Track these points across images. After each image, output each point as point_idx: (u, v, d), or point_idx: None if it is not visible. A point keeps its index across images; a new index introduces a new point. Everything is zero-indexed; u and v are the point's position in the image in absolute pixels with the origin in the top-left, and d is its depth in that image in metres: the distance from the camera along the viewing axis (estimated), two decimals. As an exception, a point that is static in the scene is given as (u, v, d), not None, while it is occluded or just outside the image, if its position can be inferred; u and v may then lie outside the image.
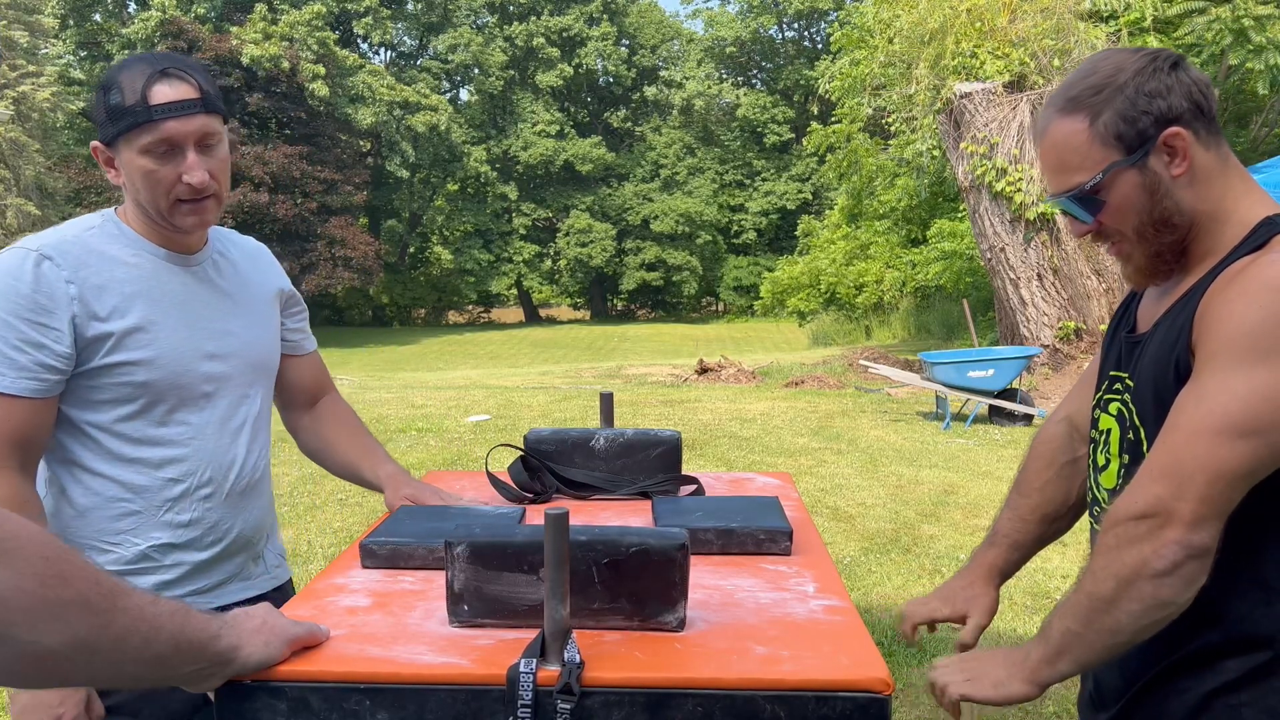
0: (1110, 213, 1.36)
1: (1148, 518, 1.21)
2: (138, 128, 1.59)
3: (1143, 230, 1.36)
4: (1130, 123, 1.31)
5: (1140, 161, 1.32)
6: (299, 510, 6.37)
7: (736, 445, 8.41)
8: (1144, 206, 1.34)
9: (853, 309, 23.02)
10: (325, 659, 1.17)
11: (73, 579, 0.94)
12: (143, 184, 1.63)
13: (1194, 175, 1.33)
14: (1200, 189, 1.34)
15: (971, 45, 12.03)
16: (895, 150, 17.20)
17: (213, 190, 1.66)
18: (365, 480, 1.95)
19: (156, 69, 1.60)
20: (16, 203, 27.94)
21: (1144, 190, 1.33)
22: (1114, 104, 1.32)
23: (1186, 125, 1.31)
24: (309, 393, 2.02)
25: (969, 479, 7.05)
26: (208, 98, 1.64)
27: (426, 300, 44.73)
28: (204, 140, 1.64)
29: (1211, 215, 1.35)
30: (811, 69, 37.23)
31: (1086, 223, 1.39)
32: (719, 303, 48.43)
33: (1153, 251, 1.37)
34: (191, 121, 1.61)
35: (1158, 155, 1.32)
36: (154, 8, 33.29)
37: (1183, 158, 1.32)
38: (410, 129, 38.50)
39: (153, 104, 1.58)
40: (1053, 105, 1.38)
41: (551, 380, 15.42)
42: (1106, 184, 1.34)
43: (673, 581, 1.23)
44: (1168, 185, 1.33)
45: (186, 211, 1.65)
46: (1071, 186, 1.36)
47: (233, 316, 1.78)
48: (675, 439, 1.97)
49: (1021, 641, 4.13)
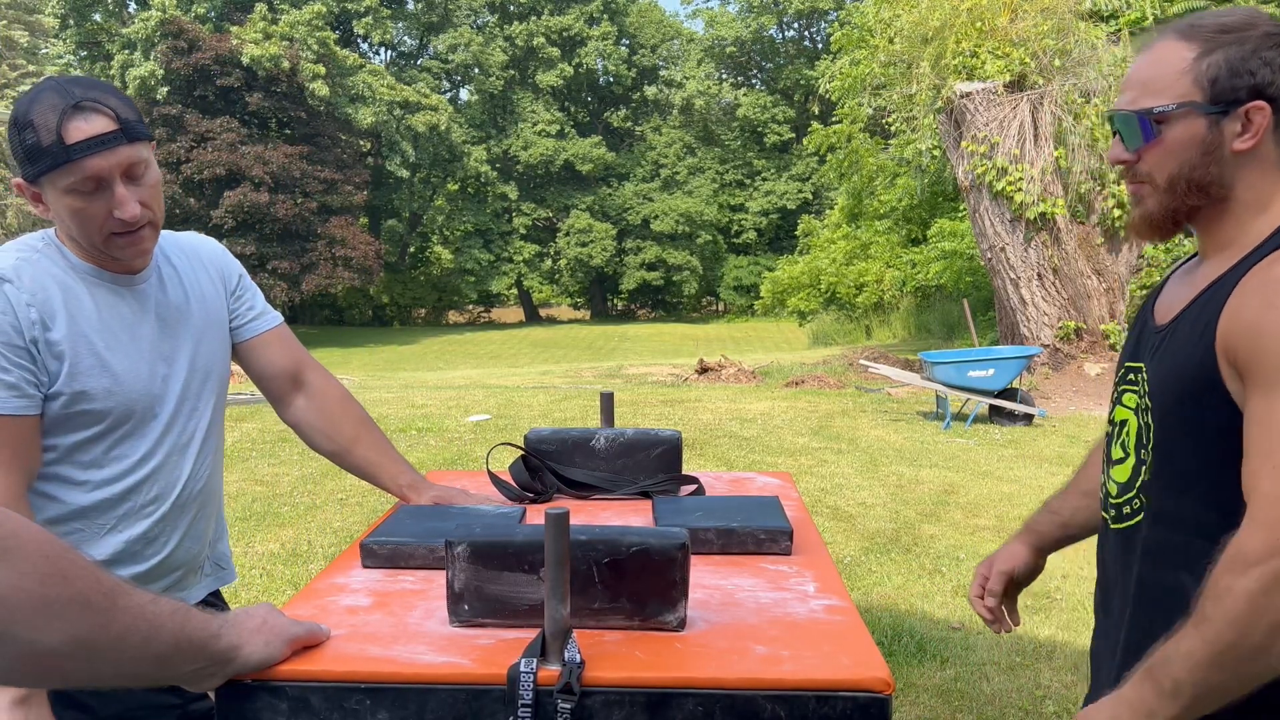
0: (1157, 149, 1.33)
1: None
2: (58, 169, 1.51)
3: (1175, 183, 1.33)
4: (1232, 74, 1.28)
5: (1216, 115, 1.29)
6: (299, 510, 6.37)
7: (737, 445, 8.41)
8: (1191, 160, 1.31)
9: (853, 309, 23.02)
10: (326, 658, 1.17)
11: (73, 578, 0.94)
12: (72, 221, 1.57)
13: (1253, 157, 1.30)
14: (1252, 173, 1.31)
15: (972, 45, 12.04)
16: (895, 150, 17.22)
17: (148, 219, 1.60)
18: (384, 487, 1.90)
19: (69, 103, 1.50)
20: (16, 203, 27.96)
21: (1201, 145, 1.30)
22: (1228, 50, 1.28)
23: (1275, 108, 1.28)
24: (289, 374, 1.92)
25: (969, 479, 7.05)
26: (127, 126, 1.54)
27: (426, 300, 44.73)
28: (130, 171, 1.56)
29: (1251, 205, 1.31)
30: (811, 69, 37.23)
31: (1130, 149, 1.36)
32: (719, 303, 48.43)
33: (1171, 207, 1.34)
34: (114, 155, 1.52)
35: (1233, 121, 1.29)
36: (154, 7, 33.25)
37: (1254, 134, 1.28)
38: (410, 129, 38.50)
39: (69, 143, 1.49)
40: (1172, 27, 1.34)
41: (551, 380, 15.43)
42: (1174, 118, 1.31)
43: (673, 581, 1.23)
44: (1225, 154, 1.30)
45: (123, 245, 1.60)
46: (1142, 106, 1.33)
47: (181, 334, 1.74)
48: (675, 439, 1.97)
49: (1023, 643, 4.08)
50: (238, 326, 1.88)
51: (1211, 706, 1.19)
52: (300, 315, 39.14)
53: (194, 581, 1.83)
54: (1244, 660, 1.14)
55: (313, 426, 1.93)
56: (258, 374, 1.91)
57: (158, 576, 1.73)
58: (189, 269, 1.81)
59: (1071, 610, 4.31)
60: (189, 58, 32.12)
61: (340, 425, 1.92)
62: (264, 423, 9.31)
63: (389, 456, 1.91)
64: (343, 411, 1.94)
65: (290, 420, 1.95)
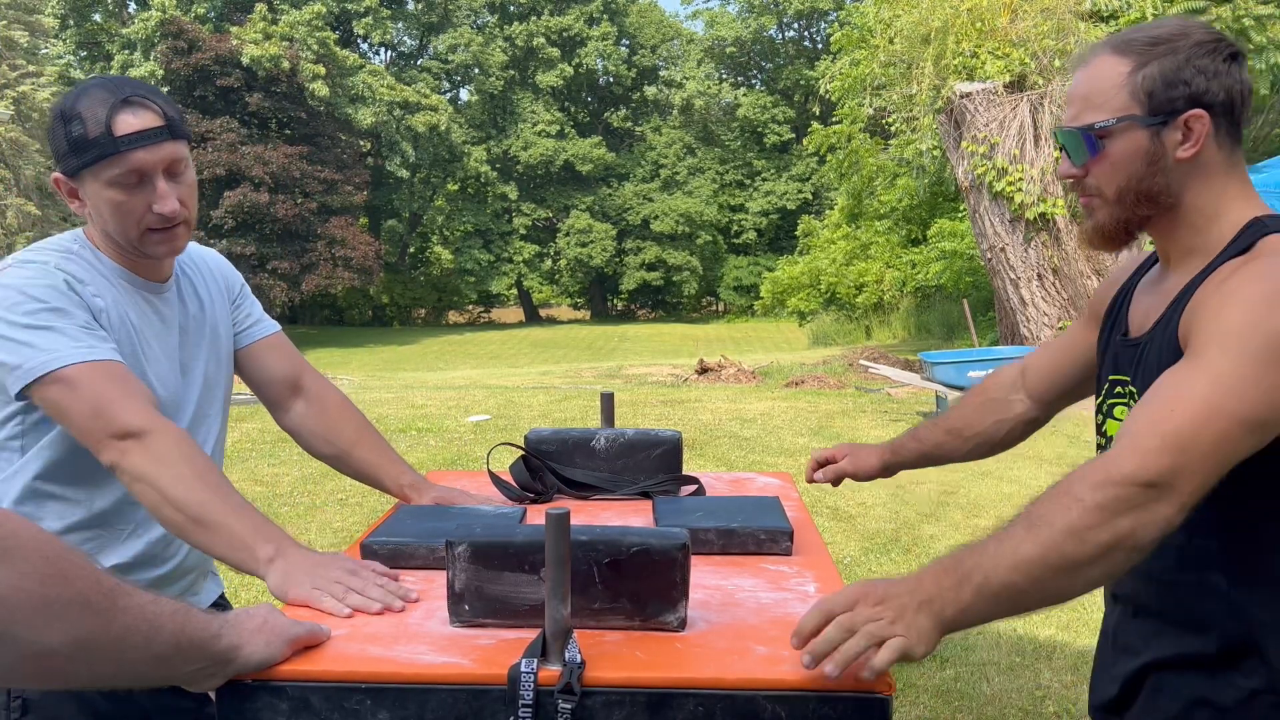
0: (1103, 163, 1.36)
1: (1152, 487, 1.13)
2: (104, 160, 1.54)
3: (1124, 195, 1.36)
4: (1167, 86, 1.30)
5: (1155, 126, 1.32)
6: (299, 510, 6.37)
7: (737, 445, 8.41)
8: (1137, 172, 1.34)
9: (853, 309, 23.02)
10: (326, 658, 1.17)
11: (73, 578, 0.94)
12: (111, 215, 1.59)
13: (1198, 165, 1.33)
14: (1198, 181, 1.33)
15: (972, 45, 12.03)
16: (895, 150, 17.20)
17: (183, 217, 1.63)
18: (386, 489, 1.90)
19: (118, 97, 1.55)
20: (16, 203, 27.97)
21: (1144, 156, 1.33)
22: (1162, 62, 1.31)
23: (1213, 115, 1.31)
24: (288, 379, 1.92)
25: (969, 479, 7.05)
26: (172, 124, 1.59)
27: (426, 300, 44.73)
28: (172, 168, 1.60)
29: (1203, 211, 1.34)
30: (811, 69, 37.26)
31: (1077, 164, 1.39)
32: (719, 303, 48.43)
33: (1122, 218, 1.37)
34: (159, 150, 1.57)
35: (1174, 130, 1.31)
36: (154, 8, 33.26)
37: (1195, 143, 1.31)
38: (410, 129, 38.50)
39: (118, 135, 1.53)
40: (1106, 42, 1.38)
41: (551, 380, 15.43)
42: (1115, 133, 1.34)
43: (674, 581, 1.23)
44: (1169, 163, 1.33)
45: (158, 240, 1.62)
46: (1085, 122, 1.36)
47: (197, 345, 1.77)
48: (676, 439, 1.97)
49: (1023, 643, 4.07)
50: (238, 333, 1.90)
51: (994, 615, 1.16)
52: (300, 315, 39.15)
53: (204, 585, 1.86)
54: (1061, 573, 1.13)
55: (312, 431, 1.93)
56: (257, 379, 1.92)
57: (175, 579, 1.76)
58: (200, 280, 1.84)
59: (1071, 610, 4.31)
60: (189, 58, 32.10)
61: (340, 429, 1.92)
62: (264, 423, 9.31)
63: (389, 458, 1.91)
64: (342, 416, 1.94)
65: (289, 425, 1.94)
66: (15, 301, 1.53)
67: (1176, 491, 1.14)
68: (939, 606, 1.12)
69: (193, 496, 1.44)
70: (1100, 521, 1.12)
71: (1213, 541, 1.31)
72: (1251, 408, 1.16)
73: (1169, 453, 1.14)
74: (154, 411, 1.52)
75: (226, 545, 1.43)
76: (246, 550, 1.41)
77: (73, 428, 1.51)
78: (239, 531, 1.42)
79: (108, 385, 1.50)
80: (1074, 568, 1.13)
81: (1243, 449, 1.18)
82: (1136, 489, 1.13)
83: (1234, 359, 1.18)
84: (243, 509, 1.46)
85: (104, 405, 1.48)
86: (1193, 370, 1.20)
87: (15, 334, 1.51)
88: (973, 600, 1.13)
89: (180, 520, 1.44)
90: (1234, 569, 1.30)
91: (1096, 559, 1.13)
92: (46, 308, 1.53)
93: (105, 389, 1.50)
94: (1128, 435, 1.19)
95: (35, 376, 1.49)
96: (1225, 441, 1.16)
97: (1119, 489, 1.13)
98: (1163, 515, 1.14)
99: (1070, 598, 1.16)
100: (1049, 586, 1.14)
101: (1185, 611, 1.34)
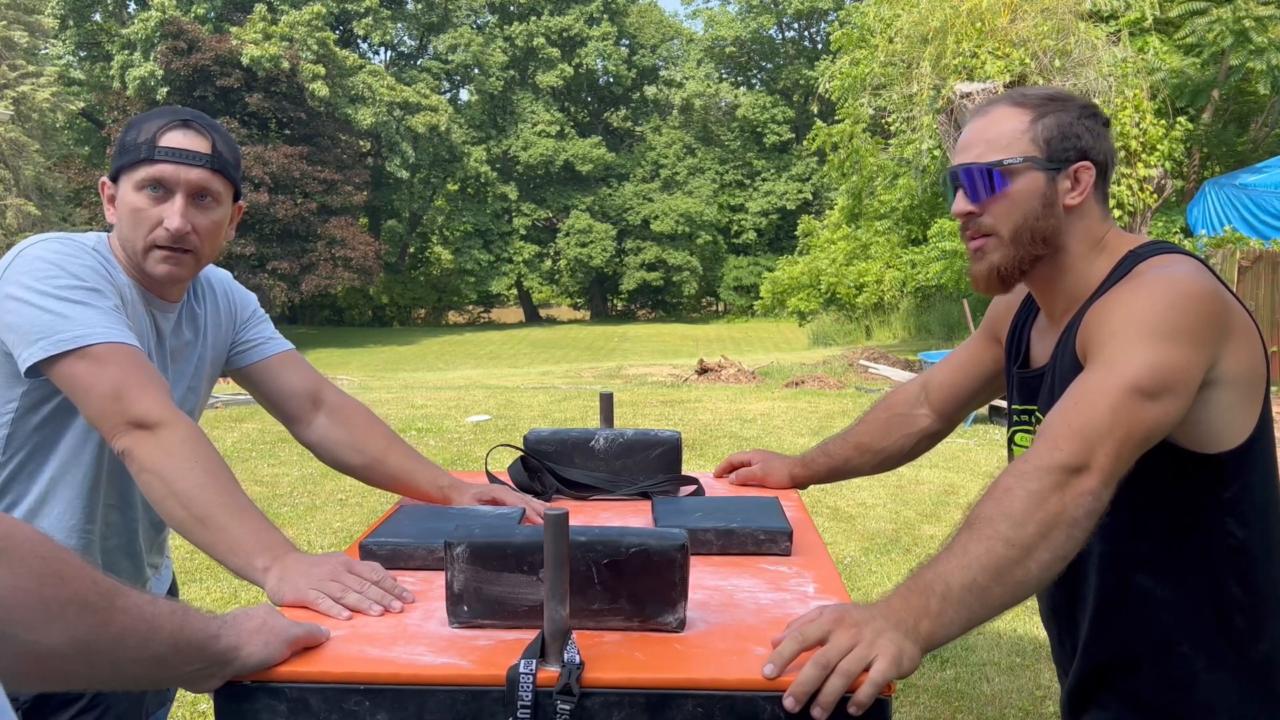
0: (1003, 201, 1.46)
1: (1068, 469, 1.24)
2: (138, 164, 1.59)
3: (1019, 234, 1.46)
4: (1062, 137, 1.45)
5: (1051, 172, 1.45)
6: (299, 510, 6.37)
7: (737, 445, 8.40)
8: (1034, 212, 1.45)
9: (853, 309, 23.01)
10: (325, 659, 1.17)
11: (70, 578, 0.94)
12: (127, 220, 1.61)
13: (1081, 213, 1.47)
14: (1081, 226, 1.47)
15: (972, 45, 12.04)
16: (895, 150, 17.19)
17: (192, 245, 1.63)
18: (423, 493, 1.85)
19: (180, 118, 1.61)
20: (16, 203, 27.94)
21: (1041, 198, 1.45)
22: (1058, 116, 1.46)
23: (1097, 171, 1.47)
24: (308, 393, 1.89)
25: (969, 479, 7.05)
26: (218, 157, 1.62)
27: (426, 300, 44.71)
28: (198, 193, 1.61)
29: (1081, 255, 1.48)
30: (811, 69, 37.22)
31: (974, 201, 1.48)
32: (719, 303, 48.41)
33: (1016, 257, 1.48)
34: (191, 171, 1.60)
35: (1065, 178, 1.45)
36: (154, 8, 33.23)
37: (1081, 191, 1.45)
38: (410, 129, 38.48)
39: (158, 145, 1.59)
40: (1003, 97, 1.53)
41: (551, 380, 15.43)
42: (1017, 171, 1.45)
43: (673, 582, 1.23)
44: (1059, 208, 1.46)
45: (159, 259, 1.62)
46: (991, 159, 1.46)
47: (180, 372, 1.78)
48: (675, 439, 1.97)
49: (1023, 643, 4.08)
50: (251, 349, 1.88)
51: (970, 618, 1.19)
52: (300, 316, 39.16)
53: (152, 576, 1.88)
54: (1011, 561, 1.19)
55: (338, 442, 1.87)
56: (276, 393, 1.89)
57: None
58: (203, 309, 1.83)
59: (1071, 611, 4.31)
60: (189, 58, 32.09)
61: (369, 438, 1.88)
62: (264, 423, 9.31)
63: (423, 463, 1.89)
64: (369, 425, 1.90)
65: (311, 438, 1.89)
66: (50, 274, 1.53)
67: (1095, 467, 1.25)
68: (913, 623, 1.16)
69: (198, 495, 1.44)
70: (1033, 505, 1.22)
71: (1113, 548, 1.44)
72: (1138, 375, 1.28)
73: (1078, 437, 1.26)
74: (171, 404, 1.52)
75: (226, 548, 1.43)
76: (244, 556, 1.41)
77: (88, 408, 1.50)
78: (239, 536, 1.42)
79: (134, 370, 1.50)
80: (1022, 553, 1.20)
81: (1149, 418, 1.28)
82: (1058, 472, 1.24)
83: (1121, 345, 1.31)
84: (246, 512, 1.46)
85: (126, 389, 1.48)
86: (1090, 370, 1.34)
87: (47, 304, 1.51)
88: (942, 609, 1.17)
89: (183, 516, 1.44)
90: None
91: (1039, 539, 1.21)
92: (82, 285, 1.54)
93: (131, 373, 1.50)
94: (1045, 431, 1.30)
95: (65, 349, 1.48)
96: (1123, 409, 1.27)
97: (1042, 474, 1.24)
98: (1087, 489, 1.24)
99: (1035, 583, 1.22)
100: (1007, 576, 1.20)
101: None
